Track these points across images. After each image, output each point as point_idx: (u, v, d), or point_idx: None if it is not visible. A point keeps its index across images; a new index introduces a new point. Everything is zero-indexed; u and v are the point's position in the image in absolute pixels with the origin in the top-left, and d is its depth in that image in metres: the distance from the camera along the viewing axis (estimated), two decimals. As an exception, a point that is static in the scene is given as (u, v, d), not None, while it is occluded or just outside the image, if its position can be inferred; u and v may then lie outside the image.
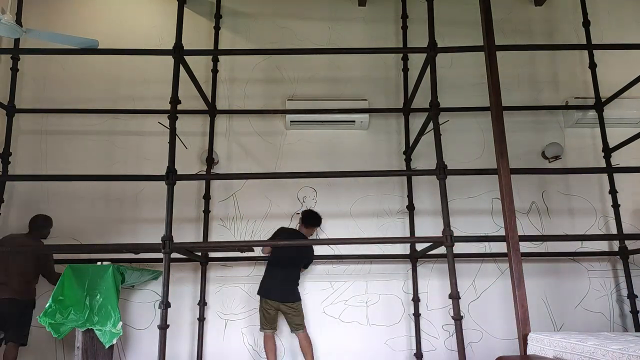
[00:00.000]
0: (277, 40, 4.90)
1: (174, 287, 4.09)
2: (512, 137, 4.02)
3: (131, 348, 4.19)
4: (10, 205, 4.40)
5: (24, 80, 4.67)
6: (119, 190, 4.46)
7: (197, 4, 4.96)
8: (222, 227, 4.47)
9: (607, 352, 2.15)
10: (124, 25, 4.90)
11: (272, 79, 4.84)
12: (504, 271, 4.36)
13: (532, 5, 5.09)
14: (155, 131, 4.36)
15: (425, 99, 3.81)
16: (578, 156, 4.66)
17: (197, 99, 4.40)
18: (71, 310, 3.38)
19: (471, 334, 4.23)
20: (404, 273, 4.39)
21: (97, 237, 4.34)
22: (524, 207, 4.53)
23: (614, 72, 4.67)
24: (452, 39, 4.40)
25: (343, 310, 4.33)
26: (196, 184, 4.50)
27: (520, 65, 4.87)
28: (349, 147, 4.69)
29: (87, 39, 3.62)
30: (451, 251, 3.23)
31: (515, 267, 2.93)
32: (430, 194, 4.45)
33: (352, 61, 4.88)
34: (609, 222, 4.50)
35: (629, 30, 5.01)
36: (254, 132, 4.70)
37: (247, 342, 4.24)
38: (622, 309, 4.33)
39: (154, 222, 4.39)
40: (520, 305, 2.87)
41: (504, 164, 3.16)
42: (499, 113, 3.27)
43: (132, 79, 4.77)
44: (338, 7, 5.05)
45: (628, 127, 4.57)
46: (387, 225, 4.50)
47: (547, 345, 2.60)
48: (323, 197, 4.55)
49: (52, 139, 4.61)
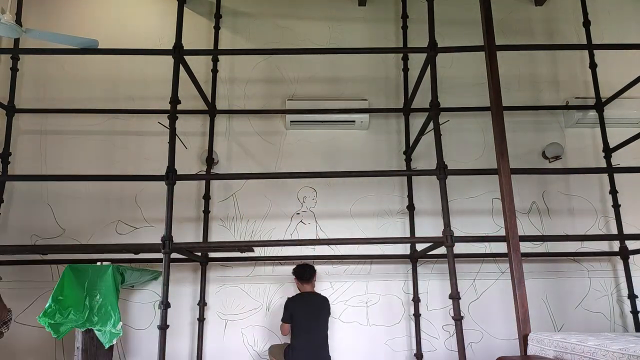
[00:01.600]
0: (277, 40, 4.90)
1: (174, 287, 4.09)
2: (512, 137, 4.03)
3: (131, 348, 4.19)
4: (10, 205, 4.39)
5: (24, 80, 4.67)
6: (119, 190, 4.45)
7: (197, 4, 4.96)
8: (222, 227, 4.46)
9: (607, 353, 2.15)
10: (124, 25, 4.90)
11: (272, 79, 4.84)
12: (504, 271, 4.36)
13: (532, 5, 5.09)
14: (155, 131, 4.36)
15: (425, 99, 3.81)
16: (578, 156, 4.66)
17: (197, 99, 4.40)
18: (71, 311, 3.37)
19: (471, 334, 4.23)
20: (404, 273, 4.39)
21: (97, 237, 4.34)
22: (524, 207, 4.53)
23: (615, 72, 4.66)
24: (452, 39, 4.40)
25: (343, 310, 4.32)
26: (196, 184, 4.49)
27: (521, 65, 4.87)
28: (349, 147, 4.68)
29: (86, 39, 3.61)
30: (451, 251, 3.23)
31: (516, 267, 2.93)
32: (430, 194, 4.45)
33: (352, 61, 4.88)
34: (609, 222, 4.50)
35: (629, 30, 5.01)
36: (254, 132, 4.70)
37: (247, 342, 4.24)
38: (623, 309, 4.32)
39: (154, 222, 4.40)
40: (521, 306, 2.86)
41: (504, 164, 3.15)
42: (499, 113, 3.27)
43: (132, 79, 4.77)
44: (338, 7, 5.05)
45: (628, 127, 4.56)
46: (387, 225, 4.50)
47: (547, 345, 2.60)
48: (323, 197, 4.55)
49: (52, 139, 4.60)
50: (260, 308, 4.29)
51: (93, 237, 4.35)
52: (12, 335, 4.00)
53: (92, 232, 4.37)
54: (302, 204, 4.53)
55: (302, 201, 4.55)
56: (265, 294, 4.31)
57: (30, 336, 4.00)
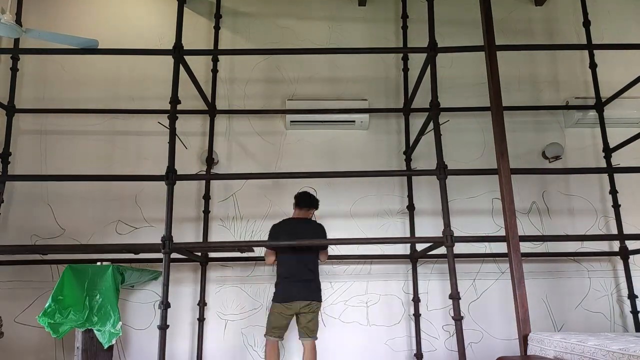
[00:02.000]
0: (277, 40, 4.90)
1: (174, 287, 4.10)
2: (512, 137, 4.03)
3: (131, 348, 4.19)
4: (10, 205, 4.39)
5: (23, 80, 4.67)
6: (119, 190, 4.45)
7: (197, 3, 4.96)
8: (222, 227, 4.46)
9: (607, 353, 2.15)
10: (124, 25, 4.90)
11: (272, 79, 4.84)
12: (504, 271, 4.36)
13: (533, 5, 5.09)
14: (155, 131, 4.36)
15: (425, 99, 3.80)
16: (578, 156, 4.66)
17: (197, 99, 4.40)
18: (70, 310, 3.37)
19: (471, 335, 4.23)
20: (404, 273, 4.39)
21: (97, 237, 4.34)
22: (524, 207, 4.53)
23: (615, 72, 4.67)
24: (452, 39, 4.40)
25: (343, 310, 4.32)
26: (196, 184, 4.49)
27: (521, 65, 4.87)
28: (349, 147, 4.68)
29: (86, 39, 3.61)
30: (451, 251, 3.23)
31: (516, 267, 2.93)
32: (430, 194, 4.45)
33: (352, 61, 4.88)
34: (609, 222, 4.50)
35: (629, 30, 5.01)
36: (254, 132, 4.69)
37: (247, 342, 4.23)
38: (623, 309, 4.32)
39: (154, 222, 4.40)
40: (521, 306, 2.86)
41: (504, 164, 3.15)
42: (499, 113, 3.27)
43: (132, 79, 4.77)
44: (338, 7, 5.05)
45: (628, 127, 4.56)
46: (387, 225, 4.49)
47: (547, 345, 2.60)
48: (323, 197, 4.52)
49: (52, 139, 4.60)
50: (260, 308, 4.29)
51: (93, 237, 4.34)
52: (12, 335, 4.01)
53: (92, 232, 4.37)
54: (302, 204, 4.52)
55: (302, 201, 4.53)
56: (265, 294, 4.30)
57: (30, 336, 4.00)
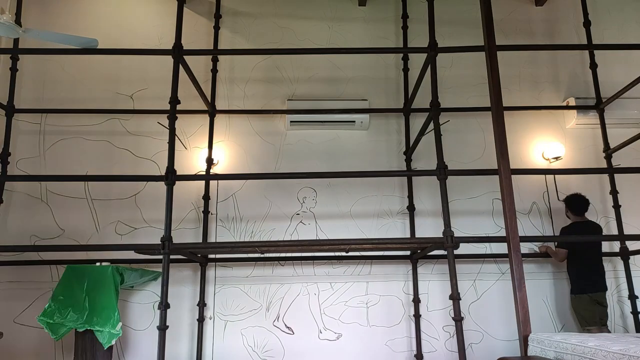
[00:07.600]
0: (277, 40, 4.89)
1: (174, 288, 4.09)
2: (512, 137, 4.03)
3: (130, 349, 4.18)
4: (10, 205, 4.39)
5: (23, 80, 4.66)
6: (119, 190, 4.44)
7: (197, 3, 4.96)
8: (221, 228, 4.46)
9: (607, 353, 2.14)
10: (124, 25, 4.89)
11: (272, 79, 4.83)
12: (504, 272, 4.36)
13: (533, 5, 5.09)
14: (154, 131, 4.35)
15: (425, 99, 3.80)
16: (578, 156, 4.65)
17: (196, 99, 4.39)
18: (70, 311, 3.37)
19: (472, 335, 4.22)
20: (404, 274, 4.38)
21: (96, 238, 4.34)
22: (525, 208, 4.52)
23: (615, 72, 4.67)
24: (452, 39, 4.40)
25: (343, 311, 4.31)
26: (196, 184, 4.49)
27: (521, 65, 4.87)
28: (349, 147, 4.68)
29: (86, 39, 3.61)
30: (452, 252, 3.22)
31: (516, 267, 2.92)
32: (430, 194, 4.44)
33: (352, 61, 4.87)
34: (609, 222, 4.49)
35: (629, 30, 5.00)
36: (254, 132, 4.69)
37: (247, 343, 4.23)
38: (623, 309, 4.32)
39: (154, 222, 4.39)
40: (521, 306, 2.85)
41: (504, 164, 3.14)
42: (500, 113, 3.26)
43: (132, 79, 4.76)
44: (338, 7, 5.04)
45: (629, 128, 4.55)
46: (388, 225, 4.49)
47: (547, 346, 2.60)
48: (323, 198, 4.54)
49: (52, 139, 4.60)
50: (260, 309, 4.28)
51: (92, 238, 4.34)
52: (11, 336, 4.00)
53: (92, 232, 4.36)
54: (302, 205, 4.53)
55: (302, 201, 4.54)
56: (265, 295, 4.30)
57: (30, 337, 3.99)
